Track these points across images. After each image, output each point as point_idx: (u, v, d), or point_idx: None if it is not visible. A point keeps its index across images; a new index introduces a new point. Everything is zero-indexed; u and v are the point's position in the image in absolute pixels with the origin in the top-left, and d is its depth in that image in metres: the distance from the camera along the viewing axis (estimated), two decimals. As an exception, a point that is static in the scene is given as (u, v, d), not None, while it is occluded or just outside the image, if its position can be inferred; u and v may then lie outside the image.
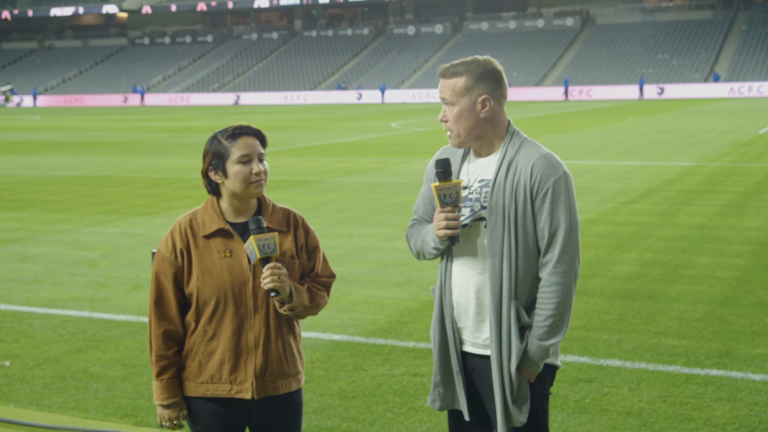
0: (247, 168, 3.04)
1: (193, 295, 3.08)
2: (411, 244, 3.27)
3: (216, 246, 3.08)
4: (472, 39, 75.30)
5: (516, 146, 3.09)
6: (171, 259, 3.10)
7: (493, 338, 3.05)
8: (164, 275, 3.10)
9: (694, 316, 6.98)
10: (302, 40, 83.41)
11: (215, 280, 3.05)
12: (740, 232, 10.51)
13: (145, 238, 10.92)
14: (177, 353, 3.12)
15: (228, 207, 3.12)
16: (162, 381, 3.11)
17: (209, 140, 3.12)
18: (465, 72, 3.07)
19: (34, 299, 7.93)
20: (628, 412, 5.04)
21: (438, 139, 26.27)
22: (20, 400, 5.43)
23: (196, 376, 3.11)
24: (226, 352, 3.07)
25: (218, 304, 3.05)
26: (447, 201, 3.02)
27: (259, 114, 48.44)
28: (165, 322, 3.10)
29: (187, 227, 3.12)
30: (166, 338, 3.10)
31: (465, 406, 3.17)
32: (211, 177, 3.11)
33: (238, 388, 3.08)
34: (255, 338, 3.07)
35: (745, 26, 68.30)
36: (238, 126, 3.09)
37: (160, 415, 3.15)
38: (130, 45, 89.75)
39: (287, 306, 3.05)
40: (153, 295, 3.12)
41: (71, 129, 36.44)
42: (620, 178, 15.99)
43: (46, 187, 16.50)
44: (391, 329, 6.80)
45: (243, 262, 3.07)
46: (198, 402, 3.13)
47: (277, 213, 3.17)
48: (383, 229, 11.17)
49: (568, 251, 3.01)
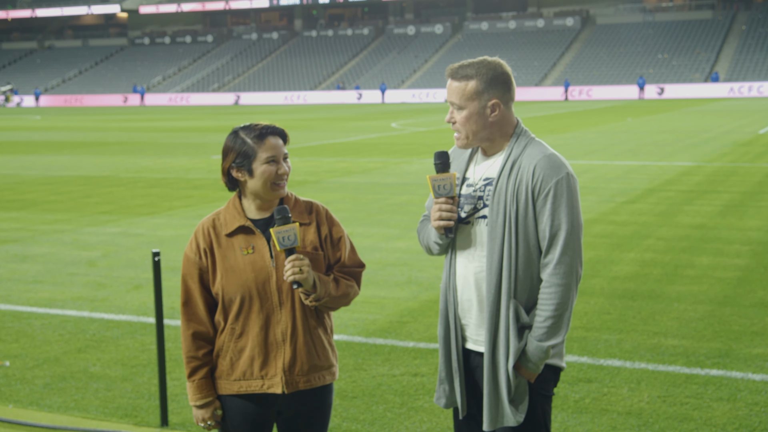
0: (273, 168, 3.06)
1: (219, 294, 3.10)
2: (420, 238, 3.32)
3: (238, 243, 3.09)
4: (472, 39, 75.27)
5: (522, 146, 3.09)
6: (195, 260, 3.12)
7: (487, 335, 3.05)
8: (190, 277, 3.13)
9: (694, 316, 6.98)
10: (302, 40, 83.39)
11: (238, 277, 3.06)
12: (740, 232, 10.51)
13: (145, 238, 10.92)
14: (207, 354, 3.14)
15: (250, 204, 3.14)
16: (194, 382, 3.13)
17: (232, 137, 3.11)
18: (476, 75, 3.06)
19: (34, 299, 7.93)
20: (628, 412, 5.04)
21: (438, 139, 26.27)
22: (20, 400, 5.43)
23: (228, 374, 3.13)
24: (255, 348, 3.08)
25: (243, 301, 3.07)
26: (441, 192, 3.04)
27: (259, 114, 48.41)
28: (194, 323, 3.13)
29: (210, 227, 3.13)
30: (195, 339, 3.13)
31: (461, 403, 3.17)
32: (233, 174, 3.11)
33: (269, 383, 3.09)
34: (282, 332, 3.08)
35: (745, 26, 68.29)
36: (265, 126, 3.09)
37: (195, 415, 3.17)
38: (130, 45, 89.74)
39: (312, 297, 3.05)
40: (182, 297, 3.15)
41: (71, 129, 36.44)
42: (620, 178, 15.99)
43: (46, 187, 16.49)
44: (391, 329, 6.80)
45: (266, 257, 3.08)
46: (230, 400, 3.15)
47: (299, 205, 3.17)
48: (383, 229, 11.17)
49: (569, 252, 3.00)
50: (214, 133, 31.17)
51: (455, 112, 3.10)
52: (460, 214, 3.12)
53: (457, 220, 3.11)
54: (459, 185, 3.17)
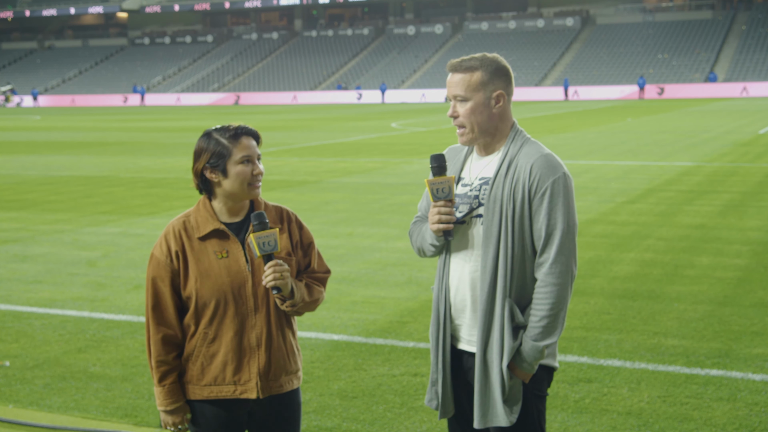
0: (248, 168, 3.04)
1: (192, 297, 3.06)
2: (412, 241, 3.29)
3: (212, 247, 3.07)
4: (472, 39, 75.26)
5: (518, 145, 3.09)
6: (167, 262, 3.07)
7: (479, 334, 3.04)
8: (161, 279, 3.07)
9: (694, 316, 6.98)
10: (302, 40, 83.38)
11: (214, 281, 3.04)
12: (740, 232, 10.51)
13: (145, 238, 10.92)
14: (177, 357, 3.11)
15: (222, 207, 3.11)
16: (164, 387, 3.10)
17: (204, 138, 3.08)
18: (480, 66, 3.06)
19: (34, 299, 7.93)
20: (628, 412, 5.04)
21: (438, 138, 26.27)
22: (20, 400, 5.43)
23: (198, 379, 3.10)
24: (229, 353, 3.06)
25: (218, 306, 3.04)
26: (440, 195, 3.04)
27: (259, 114, 48.42)
28: (163, 327, 3.08)
29: (181, 229, 3.09)
30: (165, 343, 3.09)
31: (445, 403, 3.16)
32: (206, 176, 3.08)
33: (243, 388, 3.07)
34: (257, 337, 3.07)
35: (745, 26, 68.28)
36: (238, 126, 3.08)
37: (164, 420, 3.14)
38: (130, 45, 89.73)
39: (288, 302, 3.05)
40: (150, 300, 3.09)
41: (71, 129, 36.44)
42: (620, 178, 15.99)
43: (46, 187, 16.49)
44: (391, 329, 6.80)
45: (240, 262, 3.06)
46: (200, 405, 3.13)
47: (270, 211, 3.17)
48: (383, 229, 11.17)
49: (565, 252, 3.00)
50: (214, 133, 31.12)
51: (458, 105, 3.08)
52: (456, 214, 3.11)
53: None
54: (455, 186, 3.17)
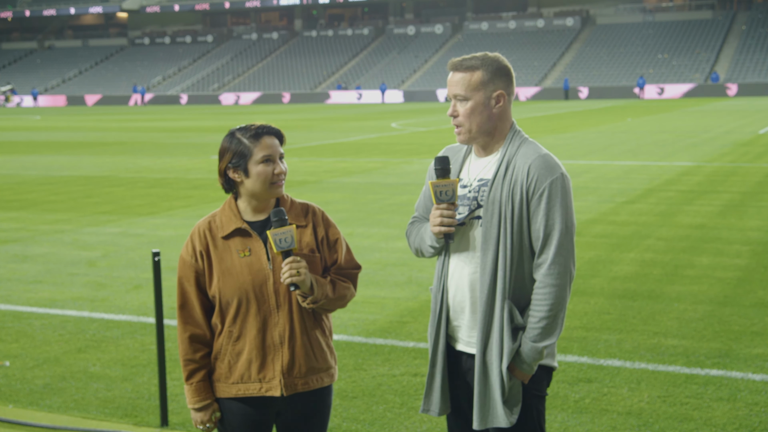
0: (270, 168, 3.05)
1: (216, 296, 3.09)
2: (410, 241, 3.28)
3: (235, 246, 3.09)
4: (472, 39, 75.26)
5: (516, 146, 3.08)
6: (192, 262, 3.11)
7: (479, 335, 3.04)
8: (186, 279, 3.12)
9: (694, 316, 6.98)
10: (302, 40, 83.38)
11: (235, 280, 3.06)
12: (740, 232, 10.51)
13: (145, 238, 10.92)
14: (205, 356, 3.14)
15: (246, 206, 3.13)
16: (192, 385, 3.13)
17: (228, 138, 3.11)
18: (481, 66, 3.04)
19: (34, 299, 7.93)
20: (628, 412, 5.04)
21: (438, 138, 26.27)
22: (20, 400, 5.43)
23: (226, 377, 3.12)
24: (253, 350, 3.08)
25: (240, 304, 3.07)
26: (443, 198, 3.03)
27: (259, 114, 48.42)
28: (190, 326, 3.12)
29: (206, 230, 3.13)
30: (192, 342, 3.12)
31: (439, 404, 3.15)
32: (229, 175, 3.10)
33: (267, 386, 3.09)
34: (280, 335, 3.08)
35: (745, 26, 68.28)
36: (261, 125, 3.09)
37: (193, 418, 3.17)
38: (130, 45, 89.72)
39: (309, 299, 3.05)
40: (178, 300, 3.15)
41: (71, 129, 36.44)
42: (620, 178, 15.99)
43: (46, 187, 16.49)
44: (391, 329, 6.80)
45: (262, 260, 3.07)
46: (229, 403, 3.14)
47: (295, 207, 3.17)
48: (383, 229, 11.17)
49: (563, 253, 2.99)
50: (214, 133, 31.16)
51: (458, 104, 3.07)
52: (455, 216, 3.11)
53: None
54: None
